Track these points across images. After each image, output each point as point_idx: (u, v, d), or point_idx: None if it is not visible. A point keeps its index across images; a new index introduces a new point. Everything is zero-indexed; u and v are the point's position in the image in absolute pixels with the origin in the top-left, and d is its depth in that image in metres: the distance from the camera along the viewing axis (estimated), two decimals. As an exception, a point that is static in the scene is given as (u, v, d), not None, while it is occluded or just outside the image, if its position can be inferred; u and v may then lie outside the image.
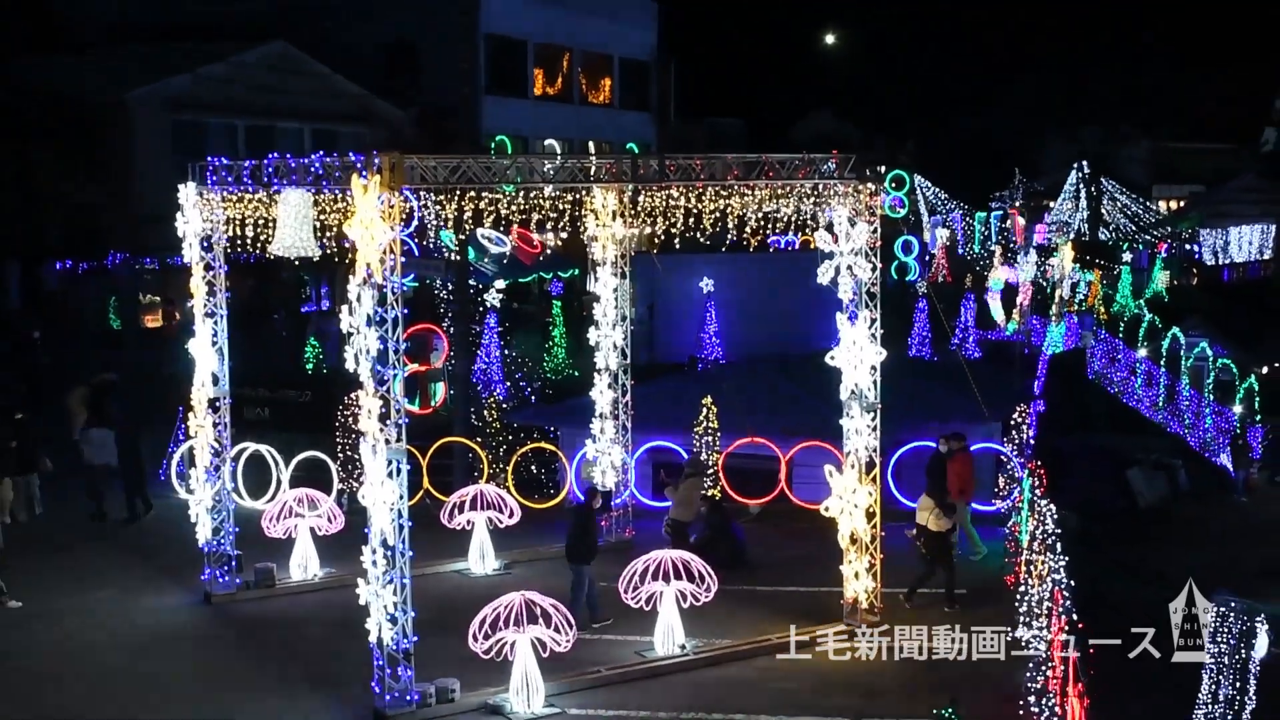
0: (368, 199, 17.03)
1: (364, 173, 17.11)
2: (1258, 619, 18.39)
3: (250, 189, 21.07)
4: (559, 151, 52.55)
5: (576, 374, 37.41)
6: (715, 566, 20.61)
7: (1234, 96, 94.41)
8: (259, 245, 22.53)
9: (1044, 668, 17.35)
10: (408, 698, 17.69)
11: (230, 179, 21.22)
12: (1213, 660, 17.85)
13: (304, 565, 24.27)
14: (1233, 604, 20.74)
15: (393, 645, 17.61)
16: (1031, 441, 27.45)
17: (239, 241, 22.72)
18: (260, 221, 22.20)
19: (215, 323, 22.78)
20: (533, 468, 29.73)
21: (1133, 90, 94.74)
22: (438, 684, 18.02)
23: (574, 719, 17.87)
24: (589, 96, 67.59)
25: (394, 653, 17.64)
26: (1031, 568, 19.60)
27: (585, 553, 21.69)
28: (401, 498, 17.59)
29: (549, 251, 47.66)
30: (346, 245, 18.05)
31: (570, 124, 64.20)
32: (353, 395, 23.86)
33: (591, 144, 61.06)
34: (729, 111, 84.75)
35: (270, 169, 19.83)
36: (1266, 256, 77.14)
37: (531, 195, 21.27)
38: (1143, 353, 40.16)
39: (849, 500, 20.81)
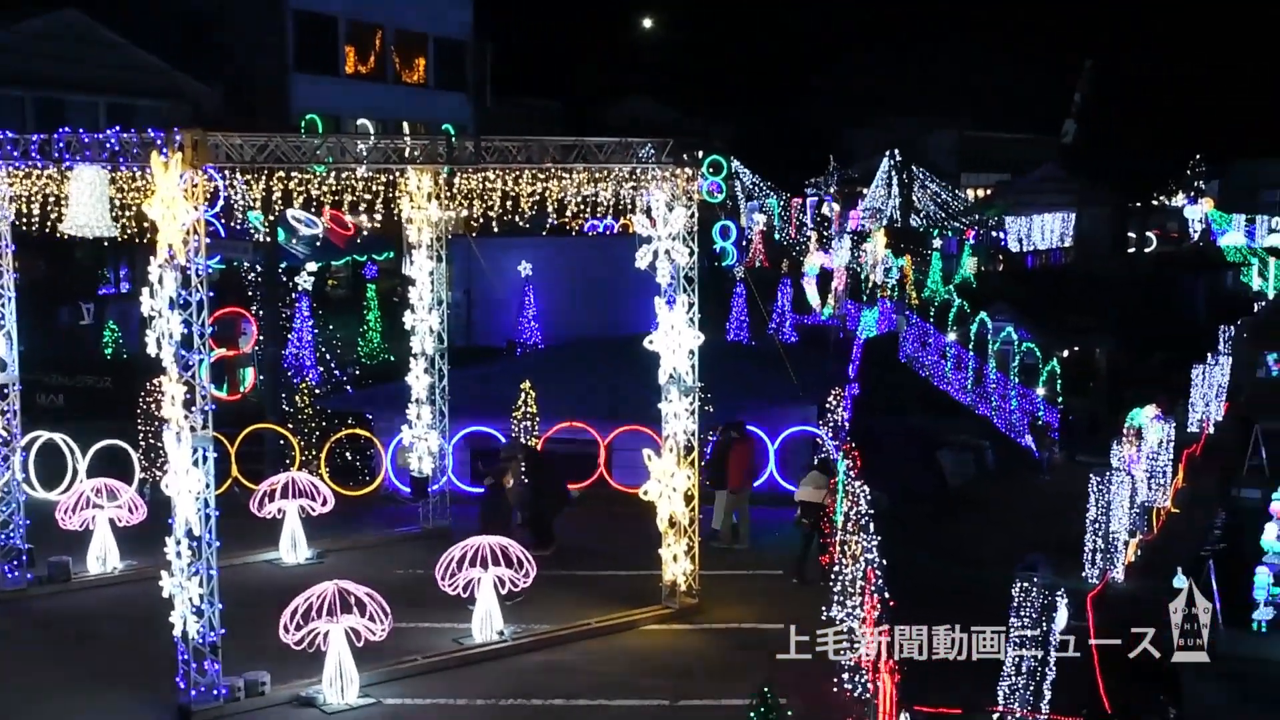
0: (169, 177, 16.48)
1: (164, 150, 16.55)
2: (1058, 593, 19.23)
3: (39, 164, 20.17)
4: (372, 132, 51.69)
5: (392, 359, 36.94)
6: (535, 545, 20.61)
7: (1037, 88, 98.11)
8: (49, 224, 21.62)
9: (858, 646, 17.85)
10: (215, 692, 17.25)
11: (16, 153, 20.24)
12: (1016, 633, 18.63)
13: (102, 558, 23.44)
14: (1036, 577, 21.65)
15: (198, 638, 17.15)
16: (846, 424, 28.11)
17: (26, 220, 21.76)
18: (51, 199, 21.31)
19: (2, 305, 21.81)
20: (347, 454, 29.28)
21: (942, 81, 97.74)
22: (247, 677, 17.62)
23: (390, 709, 17.68)
24: (403, 76, 66.54)
25: (200, 646, 17.17)
26: (845, 548, 20.10)
27: (500, 526, 21.73)
28: (208, 486, 17.12)
29: (363, 234, 46.87)
30: (147, 225, 17.45)
31: (384, 104, 63.08)
32: (155, 381, 23.11)
33: (406, 124, 60.18)
34: (546, 93, 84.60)
35: (61, 144, 18.98)
36: (1067, 244, 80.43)
37: (344, 176, 20.85)
38: (952, 337, 41.50)
39: (667, 484, 21.01)
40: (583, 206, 22.70)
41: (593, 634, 20.16)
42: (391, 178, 22.48)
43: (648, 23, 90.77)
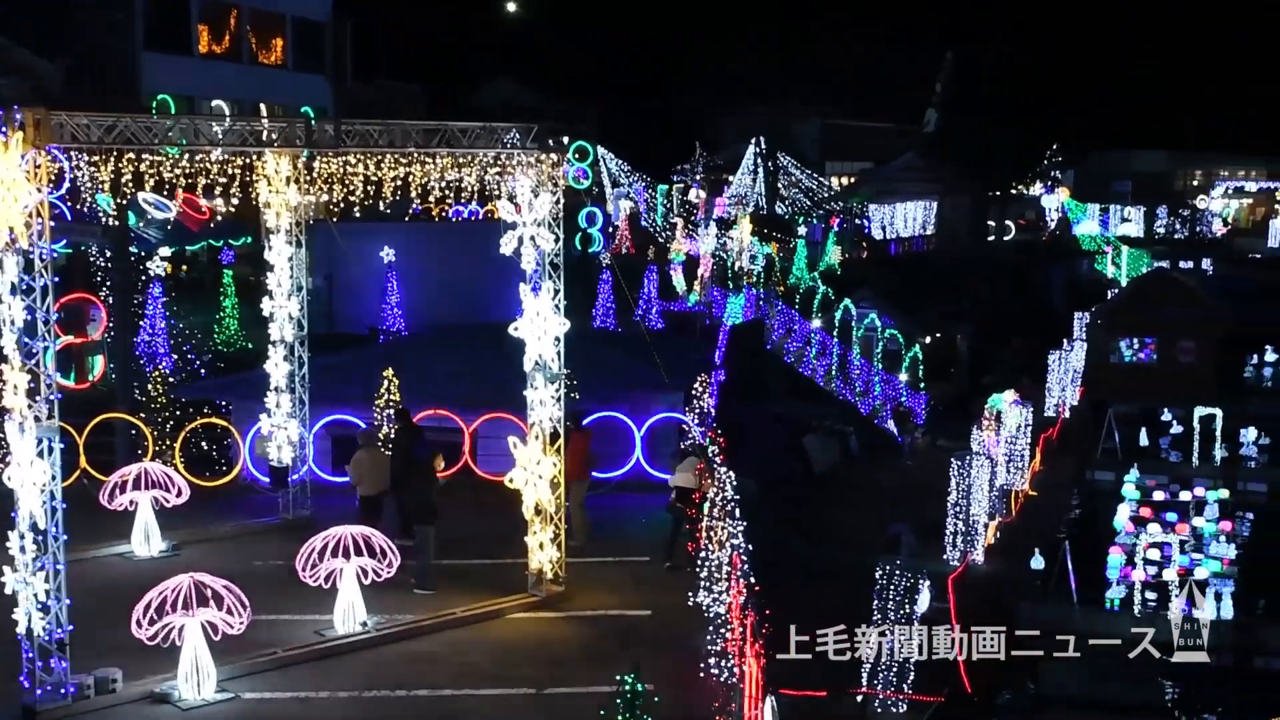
0: (9, 157, 15.92)
1: (3, 128, 16.00)
2: (920, 575, 19.66)
3: None
4: (227, 113, 50.53)
5: (250, 346, 36.21)
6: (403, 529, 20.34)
7: (900, 78, 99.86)
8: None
9: (724, 630, 18.04)
10: (62, 690, 16.77)
11: None
12: (880, 614, 19.00)
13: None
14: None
15: (44, 635, 16.64)
16: (712, 410, 28.34)
17: None
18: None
19: None
20: (203, 444, 28.67)
21: (807, 69, 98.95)
22: (97, 674, 17.15)
23: (248, 704, 17.37)
24: (260, 57, 65.16)
25: (46, 644, 16.67)
26: (712, 533, 20.28)
27: (428, 514, 21.79)
28: (54, 478, 16.61)
29: (218, 218, 45.84)
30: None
31: (240, 85, 61.72)
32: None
33: (263, 106, 59.03)
34: (409, 76, 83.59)
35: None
36: (929, 232, 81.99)
37: (198, 158, 20.36)
38: (817, 324, 42.09)
39: (533, 471, 20.97)
40: (447, 192, 22.51)
41: (458, 623, 20.05)
42: (248, 161, 22.02)
43: (512, 5, 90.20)
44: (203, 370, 33.63)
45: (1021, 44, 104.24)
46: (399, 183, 22.32)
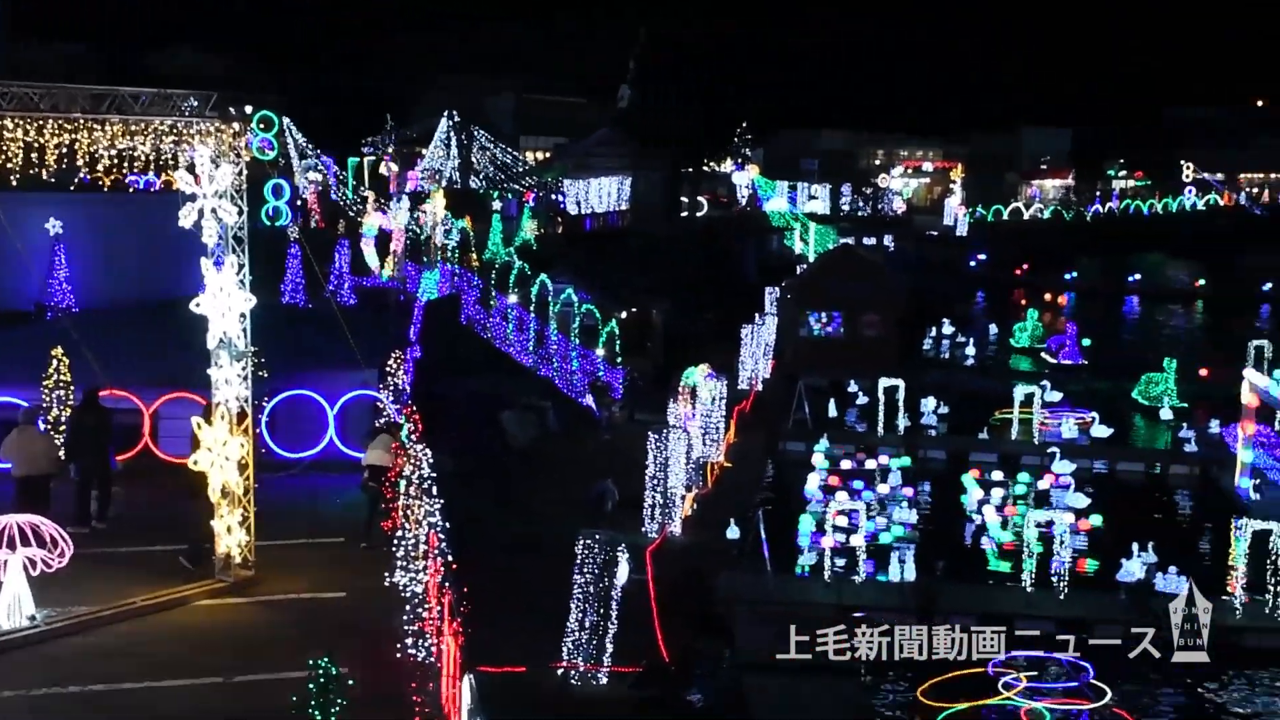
0: None
1: None
2: (619, 548, 20.04)
3: None
4: None
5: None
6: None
7: (594, 54, 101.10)
8: None
9: (422, 609, 17.95)
10: None
11: None
12: (580, 589, 19.28)
13: None
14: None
15: None
16: (407, 387, 28.09)
17: None
18: None
19: None
20: None
21: (501, 44, 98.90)
22: None
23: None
24: (-97, 11, 60.63)
25: None
26: (408, 512, 20.14)
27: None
28: None
29: None
30: None
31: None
32: None
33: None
34: (76, 36, 79.26)
35: None
36: (624, 207, 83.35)
37: None
38: (513, 299, 42.18)
39: (220, 453, 20.31)
40: (119, 161, 21.51)
41: (139, 613, 19.22)
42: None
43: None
44: None
45: (712, 22, 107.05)
46: (64, 149, 21.17)
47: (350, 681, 14.42)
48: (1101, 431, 39.78)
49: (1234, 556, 24.94)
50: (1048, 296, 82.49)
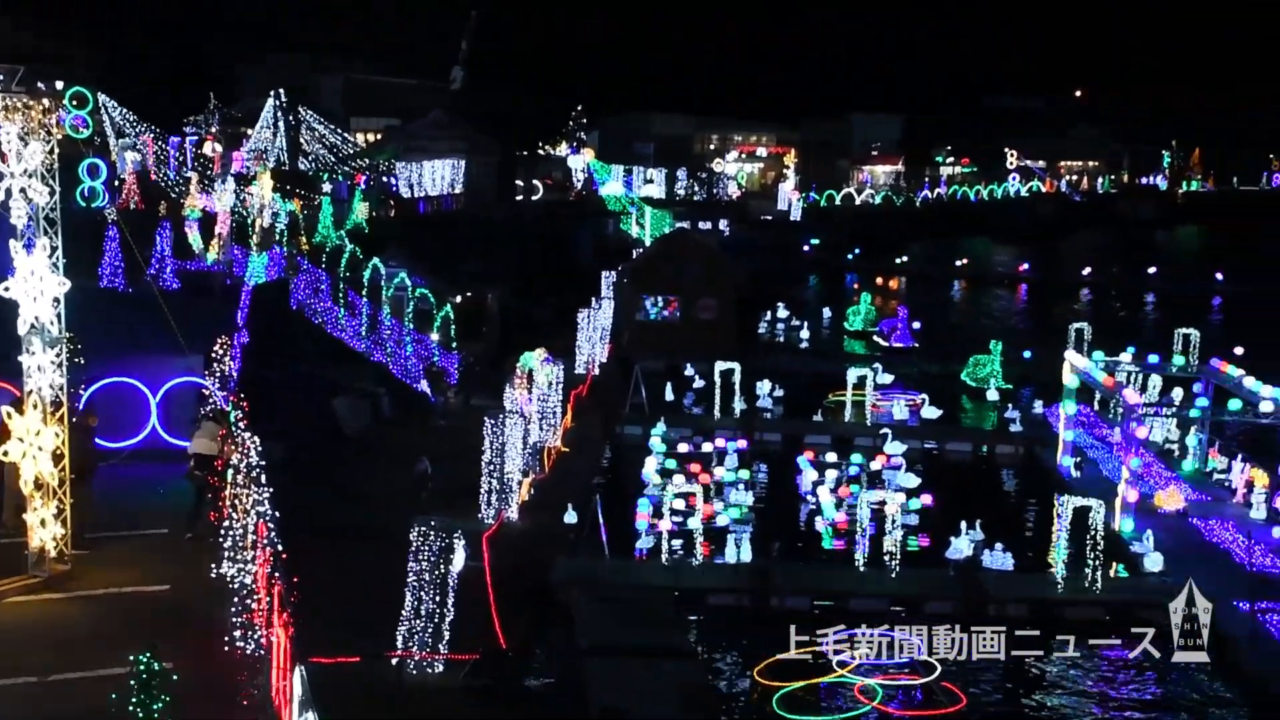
0: None
1: None
2: (456, 535, 19.88)
3: None
4: None
5: None
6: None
7: (426, 34, 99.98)
8: None
9: (250, 601, 17.54)
10: None
11: None
12: (415, 577, 19.07)
13: None
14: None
15: None
16: (235, 374, 27.42)
17: None
18: None
19: None
20: None
21: (329, 22, 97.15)
22: None
23: None
24: None
25: None
26: (236, 501, 19.66)
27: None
28: None
29: None
30: None
31: None
32: None
33: None
34: None
35: None
36: (458, 190, 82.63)
37: None
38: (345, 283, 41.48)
39: (32, 443, 19.56)
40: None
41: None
42: None
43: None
44: None
45: (546, 4, 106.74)
46: None
47: (174, 677, 14.02)
48: (931, 413, 40.75)
49: (1056, 532, 25.79)
50: (879, 280, 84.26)
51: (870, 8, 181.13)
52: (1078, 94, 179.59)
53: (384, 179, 77.22)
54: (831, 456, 34.96)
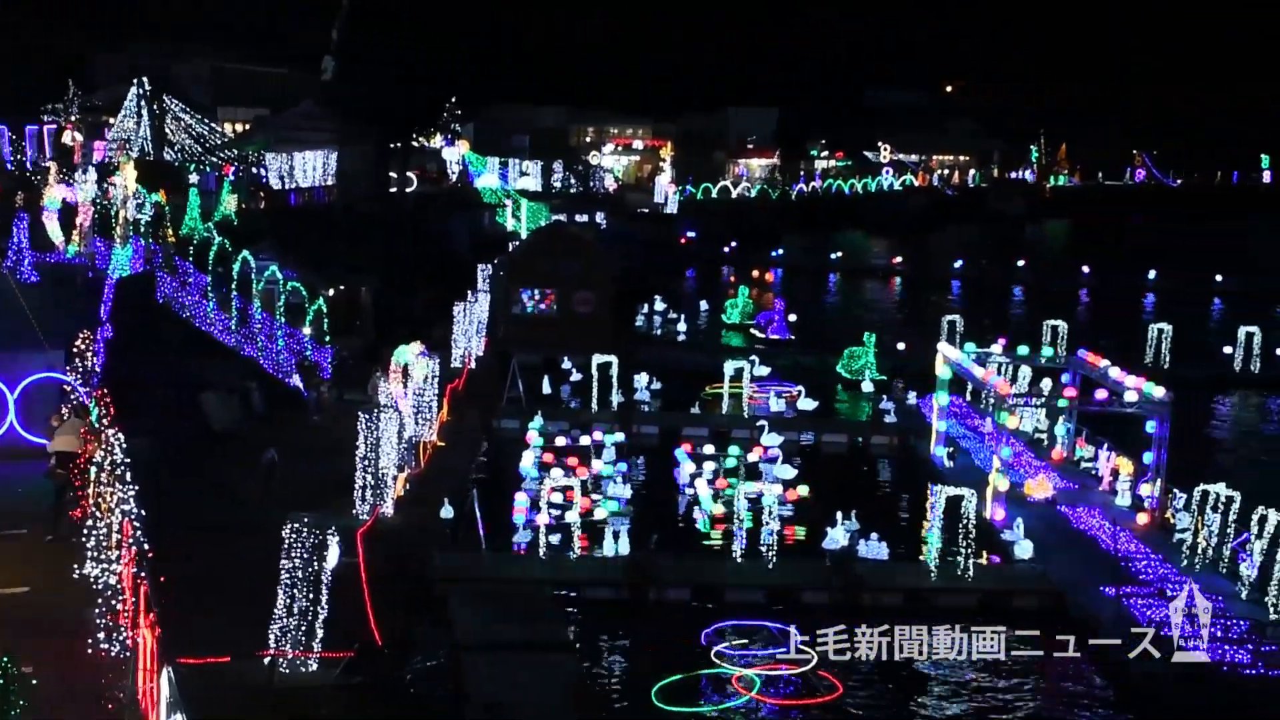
0: None
1: None
2: (329, 531, 19.62)
3: None
4: None
5: None
6: None
7: (295, 22, 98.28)
8: None
9: (114, 602, 17.14)
10: None
11: None
12: (288, 574, 18.80)
13: None
14: (307, 518, 21.96)
15: None
16: (98, 369, 26.77)
17: None
18: None
19: None
20: None
21: (194, 8, 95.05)
22: None
23: None
24: None
25: None
26: (100, 500, 19.21)
27: None
28: None
29: None
30: None
31: None
32: None
33: None
34: None
35: None
36: (330, 182, 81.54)
37: None
38: (213, 276, 40.71)
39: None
40: None
41: None
42: None
43: None
44: None
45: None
46: None
47: (34, 681, 13.65)
48: (808, 405, 41.21)
49: (929, 521, 26.27)
50: (756, 273, 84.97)
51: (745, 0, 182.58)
52: (949, 89, 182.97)
53: (254, 170, 75.88)
54: (709, 449, 35.17)
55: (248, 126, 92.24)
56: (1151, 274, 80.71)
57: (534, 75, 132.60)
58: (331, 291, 44.52)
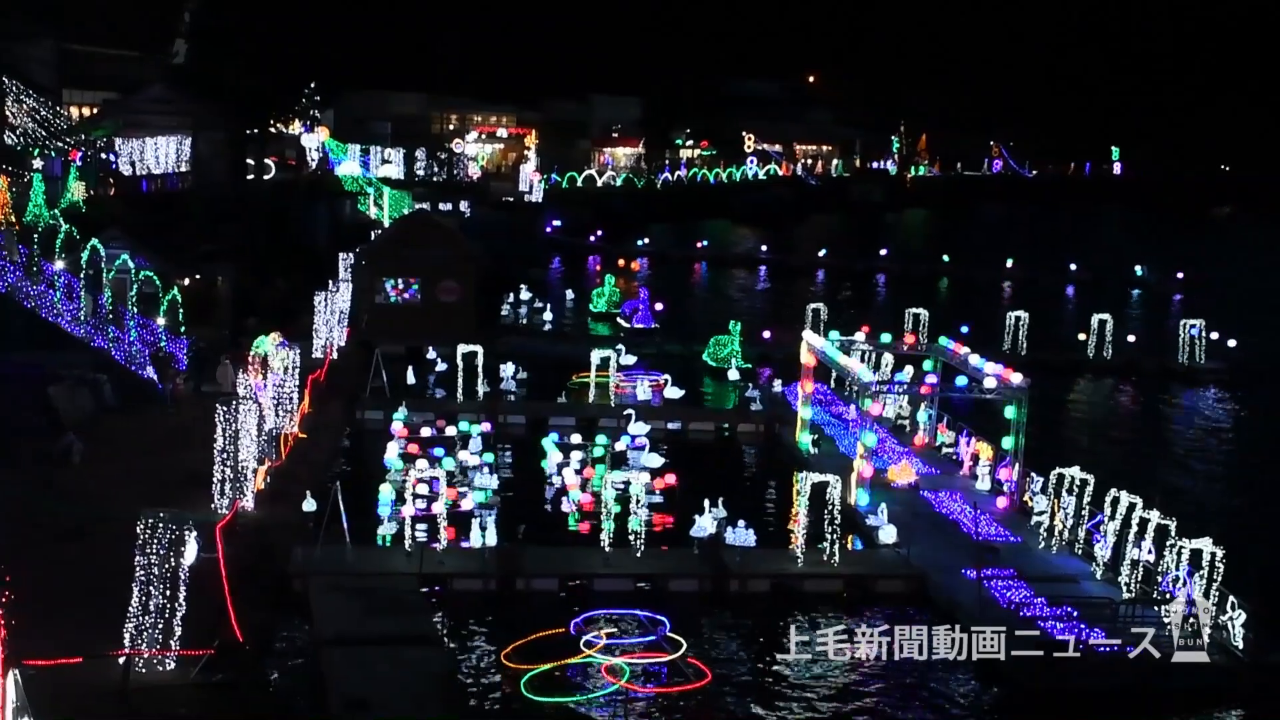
0: None
1: None
2: (187, 526, 19.24)
3: None
4: None
5: None
6: None
7: (144, 3, 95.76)
8: None
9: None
10: None
11: None
12: (143, 571, 18.39)
13: None
14: (163, 513, 21.53)
15: None
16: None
17: None
18: None
19: None
20: None
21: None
22: None
23: None
24: None
25: None
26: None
27: None
28: None
29: None
30: None
31: None
32: None
33: None
34: None
35: None
36: (184, 169, 79.79)
37: None
38: (61, 265, 39.62)
39: None
40: None
41: None
42: None
43: None
44: None
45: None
46: None
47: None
48: (674, 393, 41.43)
49: (796, 508, 26.60)
50: (622, 262, 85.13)
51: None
52: (811, 79, 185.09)
53: (102, 155, 73.93)
54: (576, 438, 35.18)
55: (96, 110, 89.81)
56: (1009, 263, 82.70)
57: (393, 61, 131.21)
58: (187, 280, 43.60)
